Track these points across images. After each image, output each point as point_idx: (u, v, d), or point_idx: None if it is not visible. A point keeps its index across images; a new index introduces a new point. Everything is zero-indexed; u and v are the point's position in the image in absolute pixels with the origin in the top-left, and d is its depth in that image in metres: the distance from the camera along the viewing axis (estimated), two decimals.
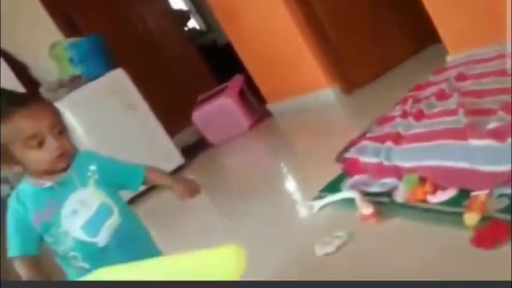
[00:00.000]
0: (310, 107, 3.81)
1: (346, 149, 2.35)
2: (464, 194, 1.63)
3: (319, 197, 2.20)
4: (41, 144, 1.18)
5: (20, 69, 4.04)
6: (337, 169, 2.31)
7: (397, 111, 2.34)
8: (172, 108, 4.82)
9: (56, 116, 1.23)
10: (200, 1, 6.14)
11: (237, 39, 4.28)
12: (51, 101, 1.34)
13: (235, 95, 4.42)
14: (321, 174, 2.49)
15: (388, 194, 1.89)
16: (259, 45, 4.04)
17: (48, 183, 1.23)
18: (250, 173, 3.40)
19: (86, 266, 1.21)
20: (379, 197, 1.91)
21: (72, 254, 1.22)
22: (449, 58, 2.85)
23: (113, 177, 1.31)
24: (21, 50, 4.22)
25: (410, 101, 2.33)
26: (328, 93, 3.71)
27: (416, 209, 1.73)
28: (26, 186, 1.25)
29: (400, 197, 1.79)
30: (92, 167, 1.28)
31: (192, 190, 1.38)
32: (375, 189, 1.97)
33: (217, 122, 4.41)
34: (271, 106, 4.38)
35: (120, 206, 1.28)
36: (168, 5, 5.93)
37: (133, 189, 1.38)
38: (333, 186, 2.21)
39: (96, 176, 1.27)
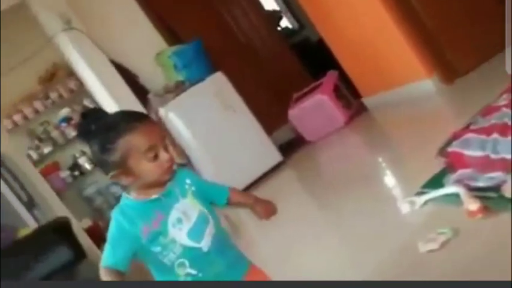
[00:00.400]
0: (407, 100, 3.71)
1: (449, 142, 2.28)
2: None
3: (421, 193, 2.16)
4: (156, 156, 1.26)
5: (130, 78, 4.37)
6: (438, 164, 2.25)
7: (503, 101, 2.22)
8: (268, 107, 4.92)
9: (163, 131, 1.34)
10: (291, 0, 6.19)
11: (329, 35, 4.27)
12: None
13: (330, 91, 4.42)
14: (421, 169, 2.44)
15: (496, 188, 1.82)
16: (352, 39, 4.00)
17: (155, 196, 1.30)
18: (348, 168, 3.39)
19: (193, 272, 1.29)
20: (486, 192, 1.84)
21: (179, 261, 1.29)
22: None
23: (203, 193, 1.40)
24: (130, 60, 4.56)
25: None
26: (426, 84, 3.58)
27: None
28: (131, 201, 1.31)
29: (509, 191, 1.72)
30: (188, 181, 1.38)
31: (270, 211, 1.45)
32: (481, 183, 1.90)
33: (313, 119, 4.43)
34: (366, 100, 4.33)
35: (213, 216, 1.37)
36: (260, 6, 6.05)
37: (219, 205, 1.46)
38: (436, 182, 2.16)
39: (192, 188, 1.37)
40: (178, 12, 4.89)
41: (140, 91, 4.26)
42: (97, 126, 1.27)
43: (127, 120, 1.28)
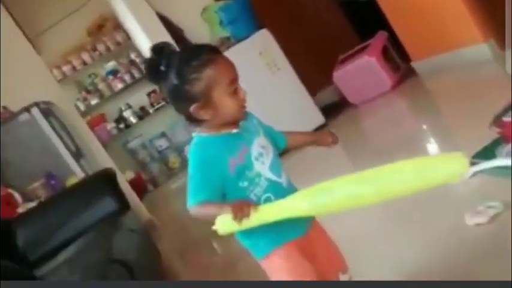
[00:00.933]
0: (461, 65, 3.55)
1: (505, 111, 2.17)
2: None
3: (472, 164, 2.08)
4: (235, 91, 1.23)
5: (175, 32, 4.36)
6: (491, 134, 2.16)
7: None
8: (313, 67, 4.82)
9: None
10: None
11: None
12: None
13: (378, 53, 4.28)
14: (472, 138, 2.35)
15: None
16: None
17: (235, 130, 1.27)
18: (393, 135, 3.31)
19: None
20: None
21: (265, 195, 1.26)
22: None
23: (267, 134, 1.38)
24: (177, 14, 4.54)
25: None
26: (482, 49, 3.41)
27: None
28: (212, 136, 1.26)
29: None
30: (255, 121, 1.37)
31: (334, 139, 1.46)
32: None
33: (359, 81, 4.32)
34: (416, 64, 4.17)
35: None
36: None
37: (279, 149, 1.43)
38: (488, 152, 2.07)
39: (260, 129, 1.34)
40: None
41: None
42: (176, 58, 1.23)
43: (209, 51, 1.25)
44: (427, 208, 2.06)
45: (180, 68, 1.21)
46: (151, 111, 6.43)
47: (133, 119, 6.43)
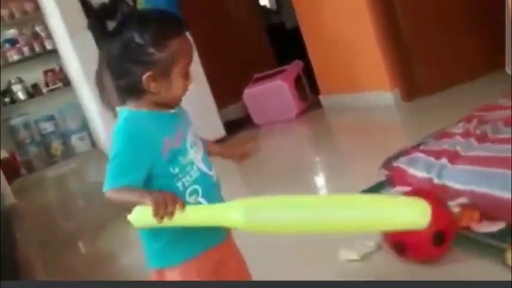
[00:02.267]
0: (364, 107, 3.66)
1: (396, 156, 2.21)
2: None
3: None
4: (188, 75, 1.11)
5: (91, 11, 4.06)
6: (378, 175, 2.18)
7: (459, 129, 2.18)
8: (226, 80, 4.75)
9: None
10: None
11: (305, 22, 4.15)
12: None
13: (291, 80, 4.31)
14: (360, 177, 2.37)
15: None
16: (328, 32, 3.90)
17: (173, 111, 1.14)
18: (287, 160, 3.30)
19: (204, 202, 1.12)
20: None
21: (193, 187, 1.11)
22: None
23: None
24: None
25: (475, 121, 2.17)
26: (387, 96, 3.54)
27: (457, 236, 1.59)
28: (146, 112, 1.11)
29: None
30: (187, 114, 1.22)
31: (247, 153, 1.31)
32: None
33: (267, 103, 4.32)
34: (323, 98, 4.25)
35: None
36: None
37: None
38: (372, 192, 2.09)
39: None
40: None
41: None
42: (142, 15, 1.10)
43: (182, 24, 1.10)
44: (305, 240, 2.01)
45: (149, 28, 1.06)
46: (44, 91, 5.96)
47: (21, 95, 5.93)
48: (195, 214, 1.03)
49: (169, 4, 3.86)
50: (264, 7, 6.87)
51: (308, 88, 4.45)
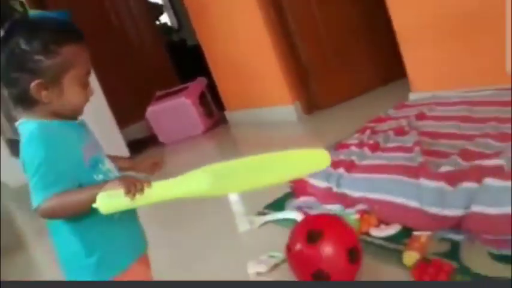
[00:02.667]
0: (268, 121, 3.76)
1: None
2: (407, 232, 1.60)
3: (262, 213, 2.13)
4: (86, 84, 1.07)
5: None
6: (284, 187, 2.25)
7: (354, 140, 2.31)
8: (127, 99, 4.66)
9: None
10: None
11: (206, 41, 4.18)
12: None
13: (195, 97, 4.31)
14: (266, 190, 2.41)
15: None
16: (228, 51, 3.97)
17: (78, 121, 1.10)
18: None
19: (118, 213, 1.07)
20: None
21: None
22: (411, 96, 2.87)
23: None
24: None
25: (368, 132, 2.31)
26: (289, 110, 3.67)
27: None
28: (57, 122, 1.05)
29: None
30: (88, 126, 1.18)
31: (154, 167, 1.28)
32: (318, 213, 1.92)
33: (172, 121, 4.28)
34: (229, 114, 4.30)
35: None
36: None
37: None
38: (278, 204, 2.14)
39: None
40: None
41: None
42: (30, 21, 1.06)
43: (77, 32, 1.06)
44: (214, 251, 2.01)
45: (37, 34, 1.02)
46: None
47: None
48: (162, 188, 1.02)
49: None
50: (165, 24, 6.83)
51: (213, 104, 4.48)
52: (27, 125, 1.05)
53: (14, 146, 3.62)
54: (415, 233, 1.56)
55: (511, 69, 2.12)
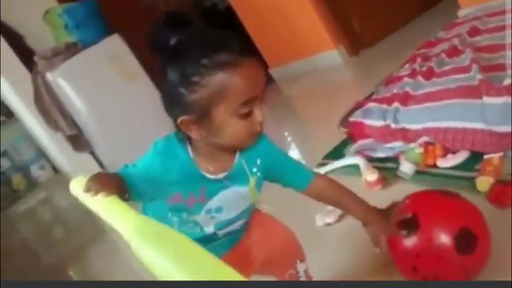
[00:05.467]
0: (314, 70, 3.65)
1: (351, 112, 2.20)
2: (476, 157, 1.50)
3: (322, 164, 2.07)
4: (250, 113, 0.89)
5: (15, 40, 3.90)
6: (341, 134, 2.18)
7: (405, 71, 2.18)
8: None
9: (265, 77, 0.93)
10: None
11: (238, 1, 4.09)
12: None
13: None
14: (325, 140, 2.36)
15: (395, 158, 1.76)
16: (262, 6, 3.86)
17: (220, 175, 0.96)
18: None
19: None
20: (385, 163, 1.78)
21: (184, 231, 0.97)
22: (460, 12, 2.67)
23: (273, 173, 1.07)
24: (15, 19, 4.07)
25: (419, 59, 2.17)
26: (333, 55, 3.54)
27: (426, 174, 1.60)
28: (189, 158, 0.94)
29: (406, 167, 1.64)
30: (258, 161, 1.02)
31: (390, 231, 1.02)
32: (380, 154, 1.84)
33: None
34: (273, 71, 4.22)
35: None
36: None
37: (297, 189, 1.12)
38: (337, 152, 2.08)
39: (259, 174, 1.02)
40: None
41: (26, 53, 3.82)
42: (189, 44, 0.87)
43: (231, 48, 0.87)
44: (280, 208, 1.99)
45: (183, 62, 0.87)
46: None
47: None
48: (111, 207, 0.81)
49: (91, 12, 3.74)
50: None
51: None
52: (170, 138, 0.98)
53: (74, 140, 3.73)
54: (486, 156, 1.46)
55: None
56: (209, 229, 1.02)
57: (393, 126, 1.83)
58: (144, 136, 3.63)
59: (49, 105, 3.43)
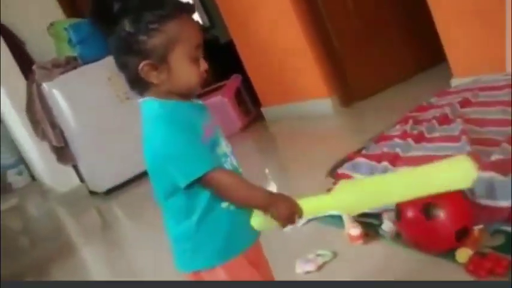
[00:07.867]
0: (305, 115, 3.72)
1: (340, 164, 2.26)
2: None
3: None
4: (198, 59, 1.02)
5: (15, 45, 3.92)
6: (326, 182, 2.22)
7: (396, 131, 2.25)
8: None
9: None
10: None
11: (239, 38, 4.18)
12: None
13: (231, 94, 4.32)
14: (307, 186, 2.40)
15: (378, 215, 1.80)
16: (263, 46, 3.95)
17: (197, 101, 1.08)
18: None
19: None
20: (369, 218, 1.83)
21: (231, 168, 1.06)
22: (453, 82, 2.78)
23: None
24: (19, 24, 4.10)
25: (410, 122, 2.25)
26: (325, 103, 3.62)
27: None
28: (180, 102, 1.03)
29: (387, 227, 1.69)
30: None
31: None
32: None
33: None
34: (265, 110, 4.29)
35: None
36: None
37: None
38: None
39: None
40: None
41: (24, 60, 3.84)
42: (136, 1, 0.99)
43: (178, 4, 1.02)
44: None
45: (139, 14, 0.98)
46: None
47: None
48: (310, 210, 1.04)
49: (95, 30, 3.80)
50: (197, 23, 6.86)
51: (250, 101, 4.48)
52: (152, 103, 1.03)
53: (59, 152, 3.73)
54: None
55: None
56: (234, 161, 1.09)
57: None
58: (128, 156, 3.68)
59: (40, 114, 3.44)
